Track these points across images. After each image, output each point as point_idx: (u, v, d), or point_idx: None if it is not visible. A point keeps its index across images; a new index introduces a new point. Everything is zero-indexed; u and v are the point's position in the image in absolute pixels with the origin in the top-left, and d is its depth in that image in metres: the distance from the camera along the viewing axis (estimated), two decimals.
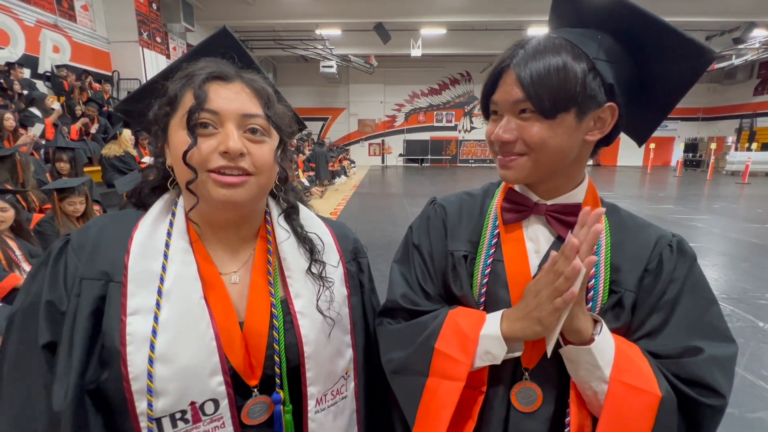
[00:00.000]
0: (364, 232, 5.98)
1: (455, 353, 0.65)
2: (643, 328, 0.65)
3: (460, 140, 21.38)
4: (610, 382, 0.59)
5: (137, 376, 0.56)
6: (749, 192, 11.06)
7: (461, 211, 0.79)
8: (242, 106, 0.60)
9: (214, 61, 0.64)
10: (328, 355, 0.68)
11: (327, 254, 0.73)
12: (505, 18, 11.89)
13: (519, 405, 0.68)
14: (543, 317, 0.59)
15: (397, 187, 12.36)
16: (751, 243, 5.50)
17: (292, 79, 19.80)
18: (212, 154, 0.57)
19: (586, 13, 0.65)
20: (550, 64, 0.59)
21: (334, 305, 0.70)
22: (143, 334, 0.56)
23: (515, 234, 0.71)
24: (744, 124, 18.19)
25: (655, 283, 0.66)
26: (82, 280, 0.58)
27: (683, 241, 0.68)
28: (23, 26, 7.33)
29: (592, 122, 0.63)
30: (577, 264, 0.55)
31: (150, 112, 0.63)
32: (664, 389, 0.58)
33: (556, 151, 0.63)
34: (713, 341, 0.62)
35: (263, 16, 12.12)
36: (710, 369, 0.60)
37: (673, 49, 0.61)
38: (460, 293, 0.73)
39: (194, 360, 0.58)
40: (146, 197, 0.68)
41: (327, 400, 0.69)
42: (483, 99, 0.69)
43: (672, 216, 7.30)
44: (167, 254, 0.60)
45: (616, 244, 0.68)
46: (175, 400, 0.57)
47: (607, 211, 0.72)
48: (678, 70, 0.63)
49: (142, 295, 0.58)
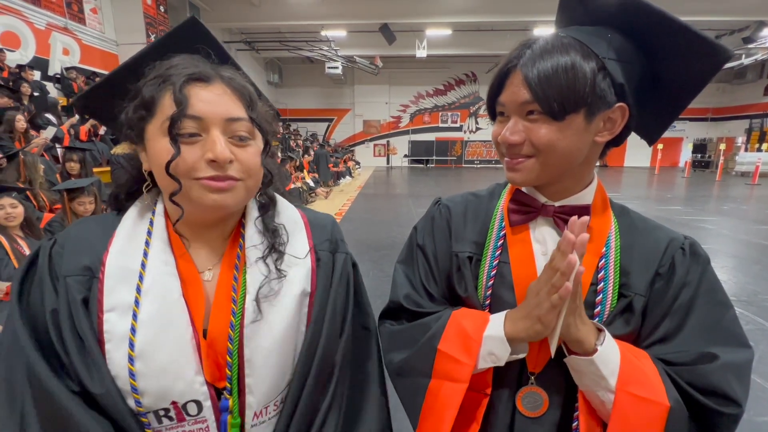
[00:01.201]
0: (369, 233, 5.98)
1: (458, 354, 0.64)
2: (654, 333, 0.64)
3: (465, 141, 21.32)
4: (616, 393, 0.57)
5: (117, 373, 0.54)
6: (759, 193, 10.89)
7: (466, 212, 0.77)
8: (226, 109, 0.56)
9: (190, 58, 0.59)
10: (274, 361, 0.61)
11: (292, 246, 0.67)
12: (511, 18, 11.85)
13: (525, 410, 0.67)
14: (542, 315, 0.58)
15: (402, 187, 12.36)
16: (762, 245, 5.41)
17: (298, 80, 19.89)
18: (198, 162, 0.54)
19: (596, 11, 0.63)
20: (558, 64, 0.57)
21: (285, 302, 0.62)
22: (121, 331, 0.55)
23: (522, 235, 0.70)
24: (754, 124, 17.93)
25: (667, 287, 0.64)
26: (65, 277, 0.57)
27: (696, 244, 0.66)
28: (34, 29, 7.45)
29: (601, 123, 0.62)
30: (573, 258, 0.54)
31: (121, 115, 0.58)
32: (673, 399, 0.57)
33: (565, 153, 0.61)
34: (728, 347, 0.60)
35: (269, 17, 12.20)
36: (726, 376, 0.58)
37: (687, 47, 0.58)
38: (465, 295, 0.72)
39: (174, 359, 0.56)
40: (124, 201, 0.66)
41: (268, 413, 0.62)
42: (489, 100, 0.68)
43: (680, 217, 7.21)
44: (146, 252, 0.59)
45: (626, 247, 0.67)
46: (155, 399, 0.56)
47: (617, 213, 0.70)
48: (691, 69, 0.61)
49: (120, 292, 0.57)
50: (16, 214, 2.51)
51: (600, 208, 0.69)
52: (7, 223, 2.49)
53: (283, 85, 19.57)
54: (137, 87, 0.57)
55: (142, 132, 0.57)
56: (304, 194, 9.00)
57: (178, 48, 0.61)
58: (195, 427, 0.58)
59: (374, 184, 13.26)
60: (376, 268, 4.44)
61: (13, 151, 3.54)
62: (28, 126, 4.60)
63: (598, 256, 0.66)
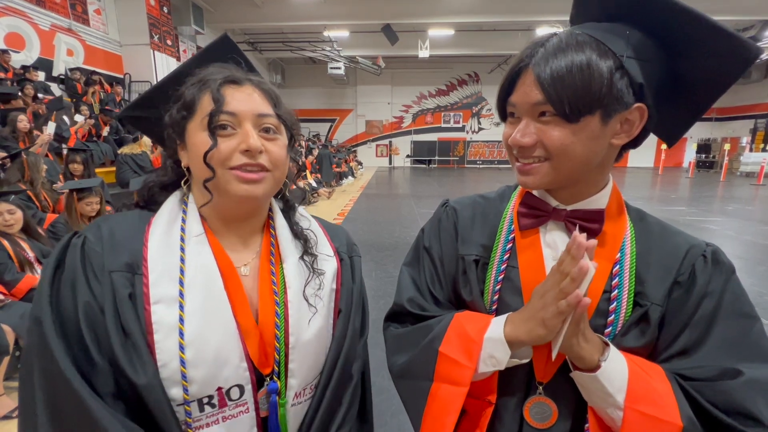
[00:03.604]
0: (371, 233, 5.97)
1: (459, 357, 0.63)
2: (673, 346, 0.60)
3: (467, 141, 21.30)
4: (625, 411, 0.55)
5: (166, 363, 0.57)
6: (764, 194, 10.81)
7: (474, 215, 0.75)
8: (256, 106, 0.64)
9: (223, 66, 0.67)
10: (313, 348, 0.68)
11: (320, 247, 0.76)
12: (514, 18, 11.82)
13: (533, 421, 0.65)
14: (547, 319, 0.55)
15: (404, 188, 12.34)
16: (767, 246, 5.37)
17: (300, 81, 19.92)
18: (233, 153, 0.61)
19: (613, 6, 0.59)
20: (573, 63, 0.54)
21: (323, 295, 0.71)
22: (170, 322, 0.58)
23: (532, 239, 0.67)
24: (759, 124, 17.80)
25: (687, 297, 0.60)
26: (111, 273, 0.59)
27: (719, 252, 0.62)
28: (38, 30, 7.49)
29: (618, 125, 0.58)
30: (585, 264, 0.51)
31: (166, 116, 0.66)
32: (686, 418, 0.53)
33: (579, 157, 0.58)
34: (755, 363, 0.56)
35: (271, 18, 12.22)
36: (751, 395, 0.53)
37: (713, 45, 0.55)
38: (470, 299, 0.71)
39: (222, 346, 0.60)
40: (156, 195, 0.70)
41: (305, 394, 0.69)
42: (499, 101, 0.65)
43: (684, 218, 7.17)
44: (183, 247, 0.63)
45: (642, 253, 0.64)
46: (202, 386, 0.59)
47: (633, 218, 0.68)
48: (717, 68, 0.57)
49: (164, 285, 0.60)
50: (15, 220, 2.51)
51: (615, 213, 0.66)
52: (6, 229, 2.49)
53: (286, 86, 19.59)
54: (179, 92, 0.65)
55: (183, 130, 0.64)
56: (307, 195, 9.00)
57: (212, 60, 0.71)
58: (236, 411, 0.63)
59: (376, 184, 13.26)
60: (379, 268, 4.43)
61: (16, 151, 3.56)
62: (32, 126, 4.63)
63: (612, 262, 0.63)
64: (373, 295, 3.71)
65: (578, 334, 0.56)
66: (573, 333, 0.56)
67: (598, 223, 0.63)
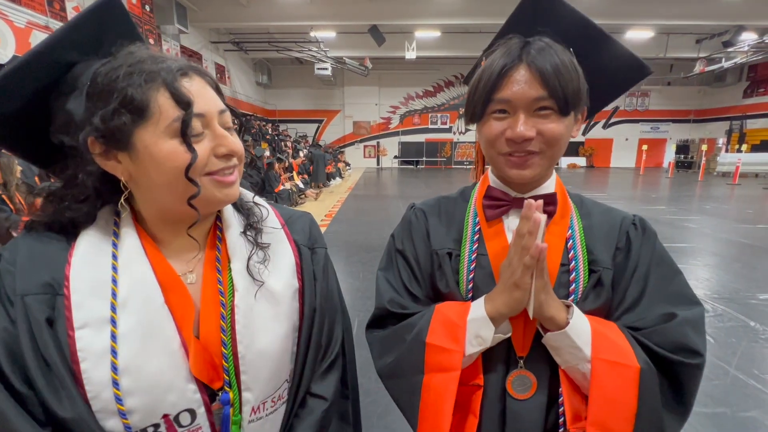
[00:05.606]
0: (359, 234, 5.97)
1: (446, 343, 0.66)
2: (622, 304, 0.69)
3: (454, 142, 21.46)
4: (592, 361, 0.62)
5: (97, 394, 0.51)
6: (739, 193, 11.20)
7: (440, 213, 0.81)
8: (216, 102, 0.56)
9: (145, 47, 0.56)
10: (270, 357, 0.61)
11: (269, 221, 0.69)
12: (499, 21, 11.78)
13: (514, 393, 0.70)
14: (518, 279, 0.62)
15: (392, 189, 12.37)
16: (742, 243, 5.56)
17: (287, 81, 19.78)
18: (209, 158, 0.55)
19: (543, 25, 0.69)
20: (563, 62, 0.62)
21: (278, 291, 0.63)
22: (99, 348, 0.51)
23: (497, 228, 0.74)
24: (734, 125, 18.44)
25: (626, 259, 0.71)
26: (23, 297, 0.51)
27: (644, 220, 0.74)
28: (13, 28, 7.25)
29: (577, 119, 0.69)
30: (537, 216, 0.59)
31: (94, 119, 0.51)
32: (643, 361, 0.62)
33: (563, 147, 0.67)
34: (683, 306, 0.66)
35: (257, 17, 12.10)
36: (685, 331, 0.63)
37: (614, 59, 0.71)
38: (447, 290, 0.74)
39: (163, 370, 0.54)
40: (76, 217, 0.57)
41: (265, 409, 0.62)
42: (482, 99, 0.67)
43: (664, 217, 7.37)
44: (115, 264, 0.55)
45: (588, 228, 0.73)
46: (145, 416, 0.53)
47: (575, 200, 0.78)
48: (615, 78, 0.72)
49: (91, 306, 0.52)
50: None
51: (561, 196, 0.74)
52: None
53: (272, 86, 19.43)
54: (108, 87, 0.50)
55: (128, 136, 0.51)
56: (293, 196, 8.93)
57: (93, 29, 0.56)
58: None
59: (364, 185, 13.24)
60: (366, 269, 4.43)
61: None
62: None
63: (564, 239, 0.72)
64: (361, 295, 3.70)
65: (545, 287, 0.64)
66: (541, 287, 0.63)
67: (553, 205, 0.71)
